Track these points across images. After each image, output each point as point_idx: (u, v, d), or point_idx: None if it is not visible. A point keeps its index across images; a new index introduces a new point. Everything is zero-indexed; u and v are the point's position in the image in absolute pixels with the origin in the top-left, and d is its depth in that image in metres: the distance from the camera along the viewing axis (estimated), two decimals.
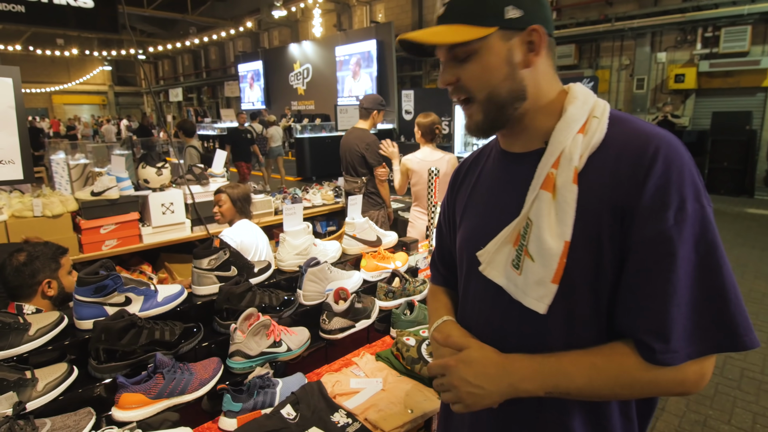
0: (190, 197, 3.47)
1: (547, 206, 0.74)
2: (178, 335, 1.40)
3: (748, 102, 9.51)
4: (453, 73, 0.80)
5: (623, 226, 0.70)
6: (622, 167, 0.70)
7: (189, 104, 28.00)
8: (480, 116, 0.81)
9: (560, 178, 0.74)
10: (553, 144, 0.76)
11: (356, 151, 3.61)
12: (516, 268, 0.79)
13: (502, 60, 0.77)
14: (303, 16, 18.95)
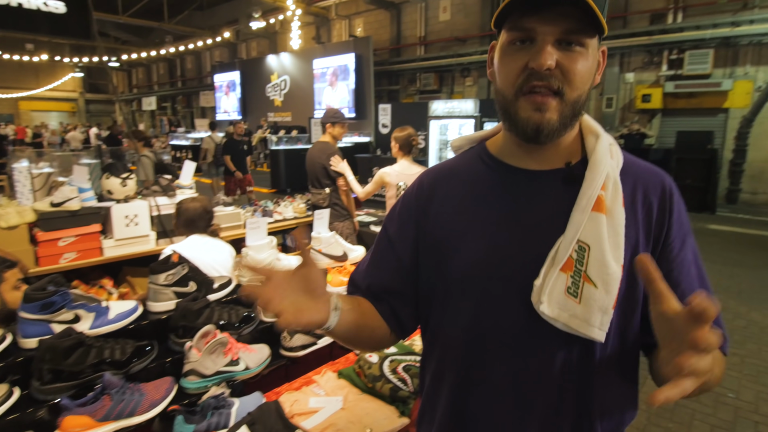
0: (155, 209, 3.40)
1: (604, 228, 0.73)
2: (130, 354, 1.36)
3: (710, 122, 9.92)
4: (554, 56, 0.69)
5: (655, 249, 0.78)
6: (651, 199, 0.78)
7: (163, 113, 27.56)
8: (556, 116, 0.72)
9: (610, 201, 0.74)
10: (599, 165, 0.75)
11: (318, 163, 3.70)
12: (574, 296, 0.72)
13: (594, 67, 0.75)
14: (281, 28, 18.97)
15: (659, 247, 0.77)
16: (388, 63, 15.18)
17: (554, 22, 0.68)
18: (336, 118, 3.73)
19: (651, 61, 10.41)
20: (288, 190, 10.83)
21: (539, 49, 0.69)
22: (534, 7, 0.68)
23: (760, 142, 9.40)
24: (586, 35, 0.70)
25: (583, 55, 0.71)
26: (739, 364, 3.47)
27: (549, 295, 0.72)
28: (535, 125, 0.72)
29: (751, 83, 9.25)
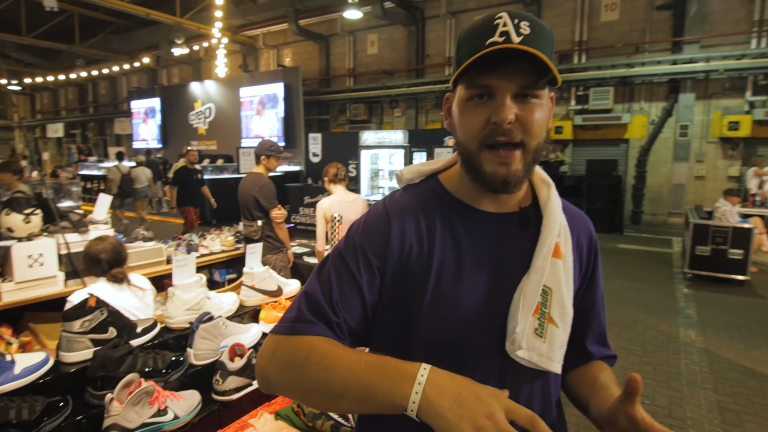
0: (64, 247, 3.11)
1: (562, 273, 0.80)
2: (40, 412, 1.21)
3: (614, 151, 10.97)
4: (514, 110, 0.72)
5: (582, 283, 0.90)
6: (582, 243, 0.89)
7: (71, 141, 25.58)
8: (521, 166, 0.75)
9: (564, 247, 0.82)
10: (554, 213, 0.83)
11: (250, 195, 3.63)
12: (540, 336, 0.78)
13: (549, 114, 0.78)
14: (206, 56, 18.54)
15: (586, 284, 0.91)
16: (317, 93, 15.29)
17: (511, 78, 0.71)
18: (271, 152, 3.69)
19: (561, 96, 11.38)
20: (214, 221, 10.39)
21: (500, 104, 0.72)
22: (489, 64, 0.71)
23: (656, 168, 10.52)
24: (541, 87, 0.74)
25: (539, 105, 0.74)
26: (652, 372, 3.76)
27: (524, 340, 0.76)
28: (502, 178, 0.75)
29: (646, 117, 10.40)
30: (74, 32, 17.76)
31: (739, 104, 9.55)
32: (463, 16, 12.67)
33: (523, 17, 0.72)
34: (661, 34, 10.17)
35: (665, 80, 10.03)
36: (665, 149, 10.37)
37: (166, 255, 3.95)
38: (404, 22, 13.20)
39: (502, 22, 0.71)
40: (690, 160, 10.12)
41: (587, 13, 10.92)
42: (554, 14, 11.36)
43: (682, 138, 10.06)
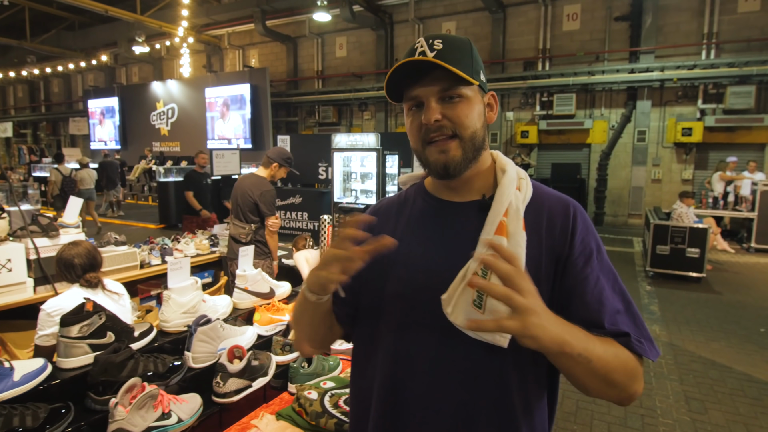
0: (34, 252, 2.98)
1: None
2: (43, 419, 1.17)
3: (577, 155, 11.40)
4: (439, 111, 0.87)
5: (557, 267, 0.88)
6: (553, 223, 0.89)
7: (22, 141, 24.24)
8: (459, 153, 0.88)
9: (511, 225, 0.86)
10: (502, 196, 0.89)
11: (249, 198, 3.49)
12: (478, 307, 0.83)
13: (481, 111, 0.91)
14: (168, 55, 18.01)
15: (563, 264, 0.88)
16: (285, 95, 15.14)
17: (431, 85, 0.87)
18: (286, 162, 3.57)
19: (527, 102, 11.73)
20: (179, 225, 10.10)
21: (426, 107, 0.88)
22: (413, 78, 0.87)
23: (616, 172, 11.00)
24: (460, 87, 0.87)
25: (463, 102, 0.88)
26: None
27: (454, 307, 0.84)
28: (443, 164, 0.89)
29: (607, 123, 10.87)
30: (25, 27, 16.87)
31: (692, 111, 10.13)
32: (431, 21, 12.88)
33: (438, 36, 0.88)
34: (619, 44, 10.67)
35: (624, 88, 10.52)
36: (624, 153, 10.86)
37: (140, 259, 3.83)
38: (373, 26, 13.28)
39: (420, 44, 0.88)
40: (648, 164, 10.64)
41: (550, 23, 11.32)
42: (519, 23, 11.71)
43: (640, 143, 10.57)
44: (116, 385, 1.35)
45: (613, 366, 0.79)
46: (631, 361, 0.82)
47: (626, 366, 0.81)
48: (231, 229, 3.68)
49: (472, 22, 12.34)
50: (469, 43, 0.91)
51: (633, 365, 0.82)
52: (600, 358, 0.78)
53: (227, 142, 14.54)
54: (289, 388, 1.87)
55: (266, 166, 3.59)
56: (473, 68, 0.88)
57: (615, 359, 0.80)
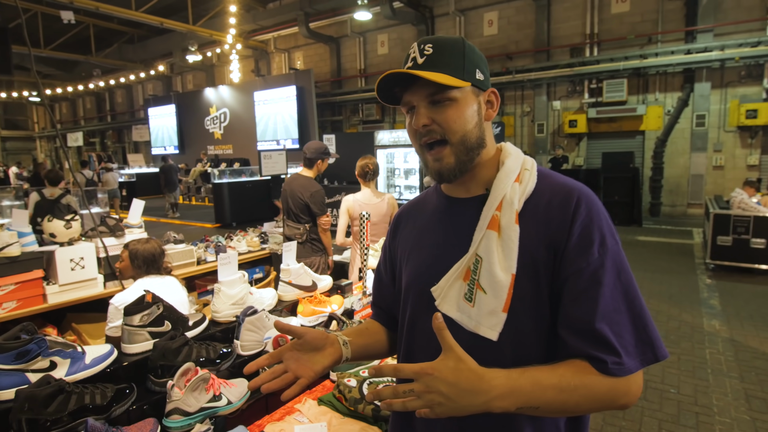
0: (103, 251, 3.26)
1: (495, 244, 0.85)
2: (110, 398, 1.32)
3: (630, 143, 10.91)
4: (428, 116, 0.89)
5: (556, 258, 0.83)
6: (553, 212, 0.85)
7: (91, 149, 26.13)
8: (452, 159, 0.90)
9: (504, 219, 0.86)
10: (496, 190, 0.89)
11: (300, 199, 3.61)
12: (469, 300, 0.86)
13: (474, 110, 0.91)
14: (219, 61, 18.82)
15: (560, 255, 0.83)
16: (330, 94, 15.44)
17: (420, 91, 0.89)
18: (325, 154, 3.66)
19: (574, 90, 11.34)
20: (234, 224, 10.58)
21: (416, 113, 0.91)
22: (405, 84, 0.90)
23: (673, 159, 10.43)
24: (448, 91, 0.88)
25: (454, 105, 0.89)
26: (676, 362, 3.79)
27: (444, 299, 0.89)
28: (437, 171, 0.92)
29: (662, 108, 10.32)
30: (90, 43, 18.16)
31: (757, 92, 9.43)
32: (472, 12, 12.70)
33: (429, 41, 0.90)
34: (673, 24, 10.09)
35: (680, 70, 9.94)
36: (682, 140, 10.28)
37: (197, 256, 4.09)
38: (413, 21, 13.26)
39: (413, 50, 0.91)
40: (708, 150, 10.02)
41: (597, 6, 10.87)
42: (564, 8, 11.32)
43: (699, 128, 9.96)
44: (173, 369, 1.49)
45: (573, 402, 0.76)
46: (597, 384, 0.77)
47: (593, 395, 0.77)
48: (285, 231, 3.80)
49: (515, 11, 12.05)
50: (461, 42, 0.91)
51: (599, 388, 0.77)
52: (548, 402, 0.75)
53: (276, 143, 15.02)
54: (331, 376, 1.97)
55: (310, 167, 3.67)
56: (465, 68, 0.89)
57: (574, 395, 0.76)
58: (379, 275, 1.17)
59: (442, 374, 0.72)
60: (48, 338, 1.30)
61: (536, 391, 0.74)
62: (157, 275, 2.34)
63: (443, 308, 0.88)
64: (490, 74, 0.98)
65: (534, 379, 0.75)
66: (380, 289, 1.16)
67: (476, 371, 0.74)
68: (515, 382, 0.74)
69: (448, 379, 0.72)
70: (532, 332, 0.85)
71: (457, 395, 0.72)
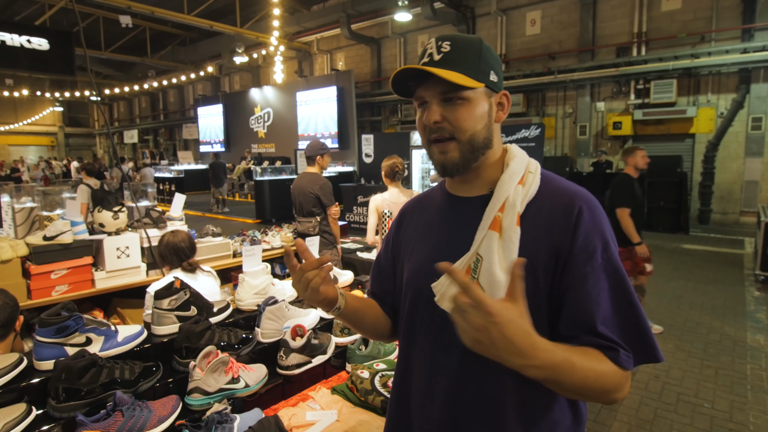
0: (146, 241, 3.47)
1: (496, 244, 0.86)
2: (138, 374, 1.44)
3: (679, 147, 10.43)
4: (440, 113, 0.90)
5: (558, 262, 0.86)
6: (556, 217, 0.88)
7: (145, 146, 27.56)
8: (456, 154, 0.92)
9: (506, 220, 0.88)
10: (500, 191, 0.91)
11: (310, 193, 3.81)
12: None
13: (485, 111, 0.93)
14: (264, 63, 19.40)
15: (563, 261, 0.85)
16: (369, 95, 15.60)
17: (433, 87, 0.90)
18: (323, 150, 3.89)
19: (620, 91, 10.96)
20: (273, 220, 10.90)
21: (428, 109, 0.92)
22: (419, 79, 0.91)
23: (725, 164, 9.90)
24: (462, 91, 0.89)
25: (465, 104, 0.90)
26: (713, 376, 3.63)
27: (443, 295, 0.90)
28: (441, 164, 0.94)
29: (714, 110, 9.81)
30: (146, 46, 19.17)
31: None
32: (515, 12, 12.50)
33: (447, 38, 0.91)
34: (729, 22, 9.56)
35: (735, 70, 9.42)
36: (736, 144, 9.73)
37: (233, 249, 4.28)
38: (454, 22, 13.20)
39: (430, 46, 0.92)
40: (764, 155, 9.44)
41: (646, 4, 10.46)
42: (611, 6, 10.96)
43: (755, 131, 9.40)
44: (196, 351, 1.61)
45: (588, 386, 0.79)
46: (610, 374, 0.80)
47: (602, 380, 0.80)
48: (298, 227, 4.01)
49: (559, 10, 11.77)
50: (479, 42, 0.92)
51: (612, 379, 0.81)
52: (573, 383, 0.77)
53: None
54: (347, 367, 2.05)
55: (312, 164, 3.93)
56: (480, 69, 0.90)
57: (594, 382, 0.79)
58: (379, 266, 1.19)
59: (501, 322, 0.70)
60: (85, 316, 1.44)
61: (568, 371, 0.76)
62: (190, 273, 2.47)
63: (443, 305, 0.89)
64: (531, 74, 1.00)
65: (570, 361, 0.76)
66: (379, 281, 1.18)
67: (531, 335, 0.73)
68: (557, 358, 0.75)
69: (505, 331, 0.70)
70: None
71: (505, 348, 0.71)
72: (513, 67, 12.57)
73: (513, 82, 11.94)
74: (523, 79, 11.79)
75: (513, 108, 12.15)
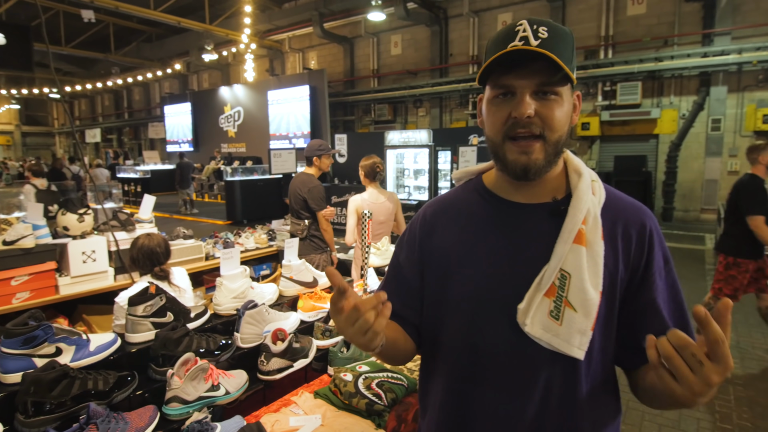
0: (114, 244, 3.34)
1: (584, 259, 0.81)
2: (112, 384, 1.38)
3: (643, 147, 10.80)
4: (533, 106, 0.80)
5: (633, 278, 0.85)
6: (631, 234, 0.86)
7: (108, 145, 26.62)
8: (541, 156, 0.82)
9: (591, 234, 0.82)
10: (580, 202, 0.84)
11: (299, 195, 3.73)
12: (556, 319, 0.81)
13: (570, 111, 0.86)
14: (234, 60, 19.04)
15: (638, 278, 0.85)
16: (342, 94, 15.53)
17: (529, 77, 0.80)
18: (321, 151, 3.73)
19: (588, 92, 11.25)
20: (245, 221, 10.71)
21: (519, 100, 0.80)
22: (509, 65, 0.80)
23: (687, 164, 10.30)
24: (558, 85, 0.81)
25: (558, 102, 0.81)
26: None
27: (533, 318, 0.81)
28: (523, 166, 0.83)
29: (676, 111, 10.19)
30: (110, 41, 18.52)
31: None
32: (486, 14, 12.67)
33: (543, 23, 0.80)
34: (690, 27, 9.96)
35: (696, 73, 9.82)
36: (697, 144, 10.14)
37: (205, 252, 4.17)
38: (427, 22, 13.28)
39: (522, 28, 0.80)
40: (723, 154, 9.87)
41: (613, 8, 10.78)
42: (579, 9, 11.25)
43: (715, 132, 9.82)
44: (173, 359, 1.55)
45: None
46: None
47: None
48: (290, 227, 3.93)
49: (530, 12, 12.00)
50: (572, 35, 0.84)
51: None
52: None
53: (288, 142, 15.17)
54: (329, 370, 2.01)
55: (309, 164, 3.80)
56: (572, 63, 0.82)
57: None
58: (400, 279, 1.02)
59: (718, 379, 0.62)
60: (54, 325, 1.36)
61: None
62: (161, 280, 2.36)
63: (530, 329, 0.81)
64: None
65: None
66: (405, 298, 1.00)
67: None
68: None
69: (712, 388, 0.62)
70: (602, 350, 0.85)
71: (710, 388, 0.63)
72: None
73: None
74: None
75: None
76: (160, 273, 2.38)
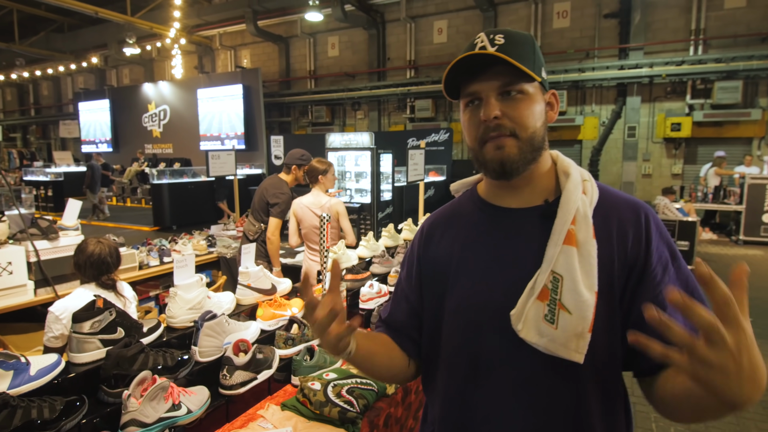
0: (34, 254, 3.01)
1: (576, 260, 0.79)
2: (60, 411, 1.22)
3: (569, 152, 11.48)
4: (498, 108, 0.82)
5: (631, 275, 0.82)
6: (627, 229, 0.84)
7: (11, 145, 24.03)
8: (515, 151, 0.83)
9: (581, 233, 0.80)
10: (569, 203, 0.83)
11: (264, 197, 3.57)
12: (551, 322, 0.79)
13: (542, 109, 0.86)
14: (159, 56, 17.95)
15: (638, 275, 0.82)
16: (278, 95, 15.15)
17: (491, 80, 0.83)
18: (303, 161, 3.56)
19: None
20: (174, 227, 10.11)
21: (485, 104, 0.83)
22: (472, 73, 0.84)
23: (607, 167, 11.14)
24: (521, 83, 0.83)
25: (525, 99, 0.83)
26: None
27: (525, 323, 0.80)
28: (499, 161, 0.84)
29: (597, 119, 11.00)
30: (13, 30, 16.74)
31: (680, 107, 10.28)
32: (423, 20, 12.94)
33: (499, 32, 0.84)
34: (608, 41, 10.79)
35: (614, 84, 10.65)
36: (615, 149, 11.00)
37: (138, 260, 3.87)
38: (365, 25, 13.32)
39: (480, 39, 0.84)
40: (638, 159, 10.79)
41: (541, 20, 11.43)
42: (510, 20, 11.80)
43: (630, 138, 10.71)
44: (128, 379, 1.40)
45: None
46: None
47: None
48: (245, 226, 3.78)
49: (464, 21, 12.42)
50: (531, 38, 0.86)
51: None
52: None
53: (220, 143, 14.54)
54: (293, 380, 1.93)
55: (287, 171, 3.67)
56: (535, 64, 0.83)
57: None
58: (401, 294, 1.04)
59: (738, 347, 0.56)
60: None
61: None
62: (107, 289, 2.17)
63: (525, 335, 0.80)
64: (439, 81, 0.94)
65: None
66: (406, 313, 1.02)
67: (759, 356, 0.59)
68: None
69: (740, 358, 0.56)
70: (606, 350, 0.82)
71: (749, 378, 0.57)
72: (422, 73, 13.02)
73: (422, 87, 12.37)
74: (432, 85, 12.28)
75: (421, 113, 12.58)
76: (107, 281, 2.17)
